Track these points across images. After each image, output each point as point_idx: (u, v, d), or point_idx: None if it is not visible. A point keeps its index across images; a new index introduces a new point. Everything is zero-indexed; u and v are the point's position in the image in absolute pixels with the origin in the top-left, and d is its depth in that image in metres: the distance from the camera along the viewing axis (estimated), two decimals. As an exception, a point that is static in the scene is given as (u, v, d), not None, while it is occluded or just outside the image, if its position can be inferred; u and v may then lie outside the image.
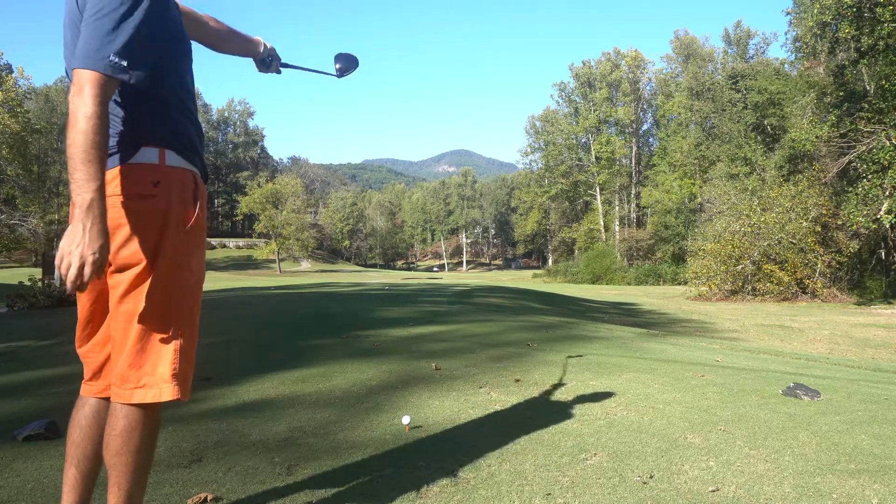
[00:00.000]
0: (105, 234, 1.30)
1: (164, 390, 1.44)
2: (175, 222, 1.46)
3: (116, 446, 1.43)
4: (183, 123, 1.52)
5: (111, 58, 1.32)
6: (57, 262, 1.29)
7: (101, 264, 1.30)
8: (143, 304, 1.43)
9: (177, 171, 1.49)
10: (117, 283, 1.45)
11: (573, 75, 62.52)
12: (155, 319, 1.45)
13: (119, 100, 1.45)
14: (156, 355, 1.45)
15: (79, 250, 1.27)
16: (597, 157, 61.11)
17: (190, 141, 1.54)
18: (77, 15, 1.43)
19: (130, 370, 1.44)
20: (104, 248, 1.30)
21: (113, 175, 1.43)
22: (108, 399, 1.54)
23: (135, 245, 1.43)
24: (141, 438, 1.44)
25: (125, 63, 1.33)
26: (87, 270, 1.28)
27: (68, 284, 1.28)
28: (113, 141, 1.43)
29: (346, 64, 2.31)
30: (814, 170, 26.03)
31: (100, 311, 1.56)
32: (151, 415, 1.47)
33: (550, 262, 70.30)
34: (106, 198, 1.35)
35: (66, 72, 1.49)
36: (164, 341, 1.46)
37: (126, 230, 1.42)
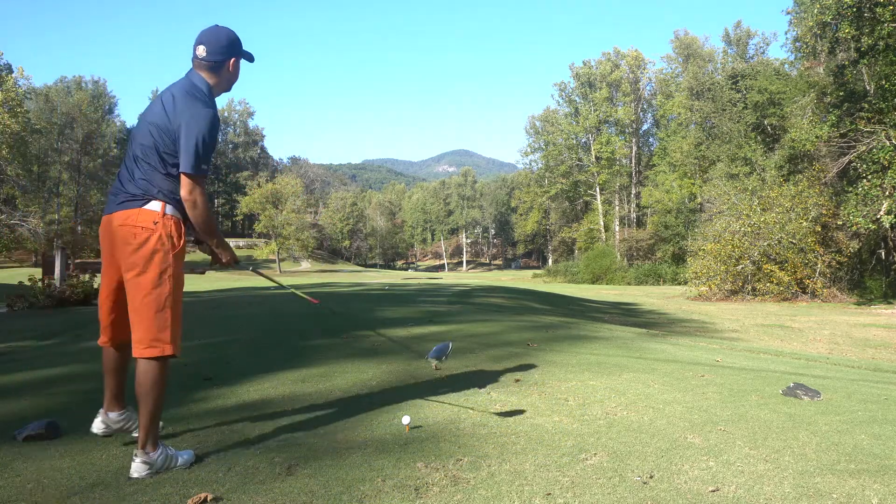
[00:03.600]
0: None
1: (167, 349, 2.34)
2: (168, 246, 2.34)
3: (142, 381, 2.31)
4: (177, 188, 2.35)
5: (204, 167, 2.36)
6: (219, 260, 2.62)
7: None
8: (164, 294, 2.33)
9: (169, 216, 2.36)
10: (139, 283, 2.32)
11: (573, 75, 62.36)
12: (168, 304, 2.34)
13: (150, 170, 2.36)
14: (163, 328, 2.33)
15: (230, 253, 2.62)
16: (597, 157, 61.00)
17: (179, 199, 2.37)
18: (166, 120, 2.35)
19: (149, 338, 2.31)
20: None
21: (134, 213, 2.34)
22: (119, 346, 2.54)
23: (147, 256, 2.31)
24: (158, 375, 2.32)
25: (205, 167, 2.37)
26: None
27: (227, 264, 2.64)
28: (140, 193, 2.35)
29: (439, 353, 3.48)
30: (814, 170, 25.97)
31: (117, 302, 2.47)
32: (165, 363, 2.36)
33: (550, 262, 70.22)
34: (127, 227, 2.33)
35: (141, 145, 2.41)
36: (172, 317, 2.35)
37: (141, 247, 2.32)
